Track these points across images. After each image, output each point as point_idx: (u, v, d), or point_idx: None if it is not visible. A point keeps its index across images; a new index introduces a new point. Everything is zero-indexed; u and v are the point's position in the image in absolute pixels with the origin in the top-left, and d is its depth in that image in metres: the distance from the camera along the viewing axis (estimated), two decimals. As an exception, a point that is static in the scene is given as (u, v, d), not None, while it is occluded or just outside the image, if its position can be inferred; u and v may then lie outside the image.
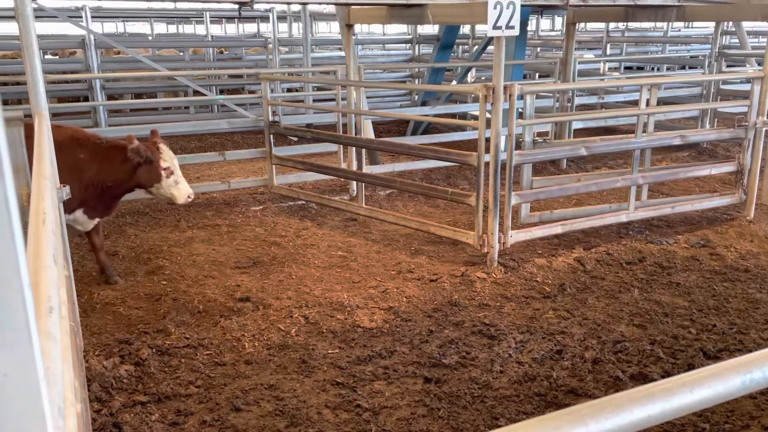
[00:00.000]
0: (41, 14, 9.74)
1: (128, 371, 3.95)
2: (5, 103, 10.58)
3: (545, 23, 24.51)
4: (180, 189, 5.30)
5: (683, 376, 1.15)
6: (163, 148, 5.25)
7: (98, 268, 5.53)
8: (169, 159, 5.24)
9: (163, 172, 5.19)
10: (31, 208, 1.92)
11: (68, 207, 5.06)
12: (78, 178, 4.97)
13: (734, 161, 7.01)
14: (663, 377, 3.87)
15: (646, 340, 4.41)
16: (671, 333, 4.51)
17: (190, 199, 5.39)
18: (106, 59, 12.49)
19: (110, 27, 25.64)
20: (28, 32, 3.51)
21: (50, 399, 0.72)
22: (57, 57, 14.68)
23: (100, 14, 17.57)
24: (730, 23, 12.95)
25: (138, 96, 13.44)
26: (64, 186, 3.70)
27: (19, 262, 0.62)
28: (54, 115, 10.19)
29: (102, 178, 5.10)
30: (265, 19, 18.47)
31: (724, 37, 14.77)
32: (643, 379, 3.99)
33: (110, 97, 12.05)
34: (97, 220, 5.36)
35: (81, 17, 11.85)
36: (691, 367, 4.09)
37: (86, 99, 11.61)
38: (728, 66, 12.17)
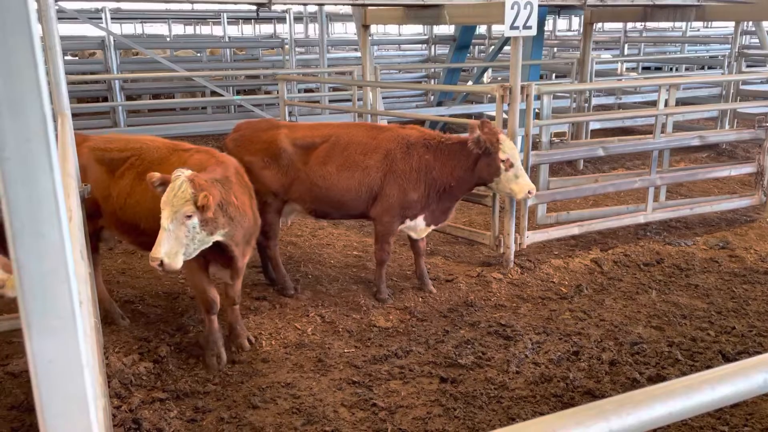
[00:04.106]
0: (62, 16, 9.86)
1: (147, 368, 4.00)
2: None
3: (562, 23, 24.38)
4: (520, 183, 4.84)
5: (704, 374, 1.15)
6: (503, 138, 4.82)
7: (416, 273, 5.35)
8: (509, 150, 4.79)
9: (501, 165, 4.78)
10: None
11: (411, 213, 4.91)
12: (424, 181, 4.81)
13: (754, 162, 6.94)
14: (681, 379, 3.84)
15: (664, 342, 4.38)
16: (689, 335, 4.48)
17: (531, 195, 4.95)
18: (125, 60, 12.62)
19: (129, 28, 25.90)
20: (51, 34, 3.57)
21: (92, 384, 0.75)
22: (77, 58, 14.87)
23: (119, 16, 17.77)
24: (750, 23, 12.81)
25: (156, 96, 13.58)
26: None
27: (67, 253, 0.64)
28: (73, 116, 10.29)
29: (446, 178, 4.85)
30: (281, 20, 18.57)
31: (744, 36, 14.64)
32: (660, 381, 3.96)
33: (129, 98, 12.17)
34: (432, 227, 5.13)
35: (101, 19, 12.00)
36: (709, 369, 4.05)
37: (105, 99, 11.75)
38: (748, 66, 12.02)
